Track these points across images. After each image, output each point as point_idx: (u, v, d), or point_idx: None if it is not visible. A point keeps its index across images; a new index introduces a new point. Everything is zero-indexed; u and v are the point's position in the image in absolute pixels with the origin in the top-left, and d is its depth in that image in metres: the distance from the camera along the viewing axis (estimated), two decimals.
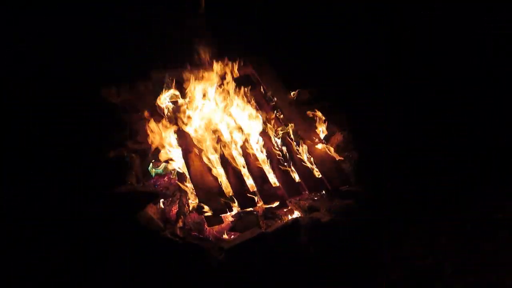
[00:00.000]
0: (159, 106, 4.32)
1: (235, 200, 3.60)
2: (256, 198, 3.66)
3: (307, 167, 3.99)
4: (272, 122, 4.28)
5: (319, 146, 4.16)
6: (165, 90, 4.35)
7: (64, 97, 4.70)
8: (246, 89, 4.44)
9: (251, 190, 3.73)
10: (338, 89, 5.14)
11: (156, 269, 3.23)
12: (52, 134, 4.33)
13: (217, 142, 4.03)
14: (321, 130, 4.36)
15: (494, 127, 4.97)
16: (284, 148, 4.11)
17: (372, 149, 4.34)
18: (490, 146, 4.68)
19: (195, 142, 4.01)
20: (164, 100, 4.36)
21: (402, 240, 3.56)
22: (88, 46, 5.04)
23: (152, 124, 4.01)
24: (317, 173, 3.97)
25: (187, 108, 4.31)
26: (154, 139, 4.00)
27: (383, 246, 3.49)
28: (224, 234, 3.52)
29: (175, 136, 4.10)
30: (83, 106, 4.52)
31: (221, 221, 3.51)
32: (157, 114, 4.29)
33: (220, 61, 4.47)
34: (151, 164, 4.09)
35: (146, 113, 4.16)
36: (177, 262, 3.24)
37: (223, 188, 3.74)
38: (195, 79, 4.33)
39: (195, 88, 4.33)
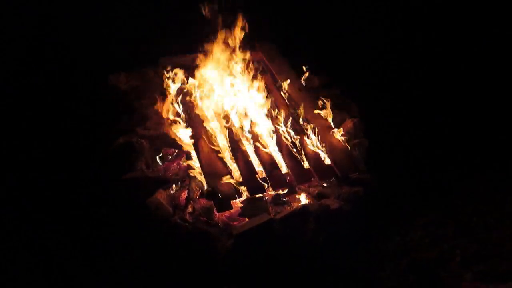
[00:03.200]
0: (168, 91, 4.32)
1: (245, 186, 3.59)
2: (265, 184, 3.65)
3: (317, 153, 3.98)
4: (282, 108, 4.26)
5: (329, 133, 4.14)
6: (175, 75, 4.35)
7: (73, 84, 4.71)
8: (256, 75, 4.44)
9: (261, 176, 3.72)
10: (348, 75, 5.14)
11: (165, 254, 3.23)
12: (62, 121, 4.34)
13: (227, 128, 4.03)
14: (332, 117, 4.34)
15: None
16: (293, 134, 4.10)
17: (382, 137, 4.33)
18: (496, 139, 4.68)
19: (205, 128, 4.01)
20: (174, 85, 4.36)
21: (409, 230, 3.55)
22: (97, 32, 5.05)
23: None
24: (326, 160, 3.95)
25: (196, 93, 4.32)
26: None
27: (393, 239, 3.47)
28: (233, 219, 3.52)
29: (185, 122, 4.10)
30: (92, 93, 4.53)
31: (230, 206, 3.51)
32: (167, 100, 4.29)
33: (230, 47, 4.47)
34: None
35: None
36: (186, 247, 3.23)
37: (233, 174, 3.73)
38: (205, 65, 4.33)
39: (204, 73, 4.33)
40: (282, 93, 4.60)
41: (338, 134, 4.12)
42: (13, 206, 3.63)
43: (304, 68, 4.76)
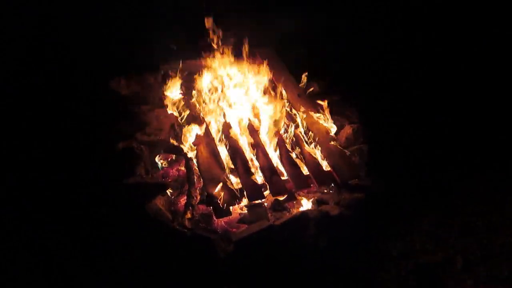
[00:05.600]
0: (168, 97, 4.31)
1: (244, 192, 3.60)
2: (264, 191, 3.66)
3: (316, 159, 3.98)
4: (281, 114, 4.26)
5: (329, 139, 4.14)
6: (174, 80, 4.35)
7: (74, 89, 4.70)
8: (255, 80, 4.43)
9: (260, 182, 3.72)
10: (348, 76, 5.13)
11: (164, 260, 3.23)
12: (62, 126, 4.33)
13: (226, 133, 4.03)
14: (331, 122, 4.34)
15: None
16: (293, 141, 4.10)
17: (382, 137, 4.32)
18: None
19: (204, 133, 4.01)
20: (173, 90, 4.36)
21: (411, 234, 3.54)
22: (97, 37, 5.03)
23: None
24: (326, 166, 3.96)
25: (196, 99, 4.31)
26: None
27: (393, 240, 3.47)
28: (232, 226, 3.53)
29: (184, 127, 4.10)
30: (93, 98, 4.52)
31: (229, 213, 3.51)
32: (166, 105, 4.29)
33: (230, 53, 4.46)
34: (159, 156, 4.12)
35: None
36: (185, 253, 3.24)
37: (232, 180, 3.74)
38: (205, 70, 4.33)
39: (204, 79, 4.32)
40: (281, 98, 4.57)
41: (337, 141, 4.13)
42: (13, 206, 3.63)
43: (303, 76, 4.74)
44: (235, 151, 3.89)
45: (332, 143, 4.10)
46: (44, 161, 4.02)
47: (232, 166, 3.82)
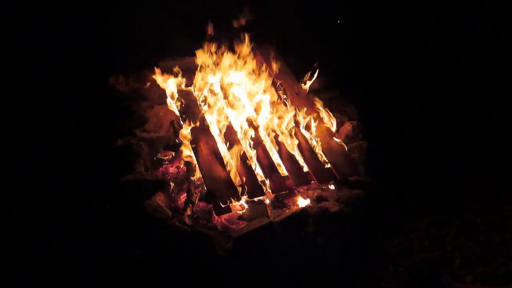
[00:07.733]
0: (168, 94, 4.31)
1: (244, 189, 3.60)
2: (264, 187, 3.66)
3: (316, 156, 3.99)
4: (281, 111, 4.26)
5: (328, 135, 4.14)
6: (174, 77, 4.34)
7: (73, 86, 4.69)
8: (255, 78, 4.43)
9: (260, 179, 3.72)
10: (348, 77, 5.13)
11: (164, 257, 3.23)
12: (61, 122, 4.33)
13: (226, 131, 4.02)
14: (330, 120, 4.34)
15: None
16: (292, 138, 4.10)
17: (382, 136, 4.33)
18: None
19: (204, 131, 4.01)
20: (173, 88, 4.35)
21: (409, 230, 3.55)
22: (96, 34, 5.03)
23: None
24: (326, 163, 3.96)
25: (196, 96, 4.31)
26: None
27: (391, 238, 3.48)
28: (232, 222, 3.53)
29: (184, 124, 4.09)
30: (92, 95, 4.51)
31: (229, 210, 3.50)
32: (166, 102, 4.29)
33: (230, 49, 4.47)
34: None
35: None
36: (184, 250, 3.23)
37: (232, 177, 3.73)
38: (205, 67, 4.33)
39: (204, 76, 4.32)
40: (280, 95, 4.59)
41: (336, 137, 4.13)
42: (12, 206, 3.63)
43: (308, 73, 4.75)
44: (235, 148, 3.88)
45: (331, 139, 4.11)
46: (43, 158, 4.02)
47: (232, 163, 3.80)
